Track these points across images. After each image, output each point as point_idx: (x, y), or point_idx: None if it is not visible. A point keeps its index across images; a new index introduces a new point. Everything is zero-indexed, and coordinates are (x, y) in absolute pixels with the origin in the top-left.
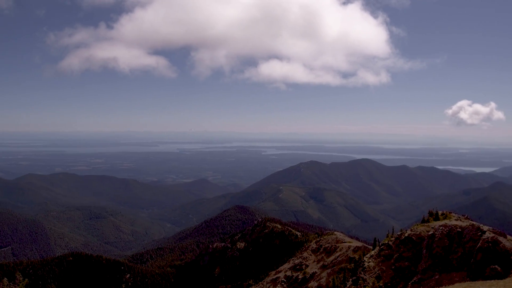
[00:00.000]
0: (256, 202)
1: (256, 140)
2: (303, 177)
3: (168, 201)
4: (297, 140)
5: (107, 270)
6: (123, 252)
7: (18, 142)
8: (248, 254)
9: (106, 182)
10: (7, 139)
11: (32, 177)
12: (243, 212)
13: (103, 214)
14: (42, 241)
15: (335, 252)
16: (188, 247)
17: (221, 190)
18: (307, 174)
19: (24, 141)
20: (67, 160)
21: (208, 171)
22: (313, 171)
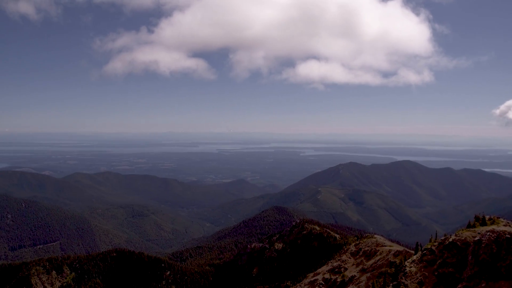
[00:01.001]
0: (294, 203)
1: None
2: (342, 179)
3: (207, 201)
4: (336, 141)
5: (148, 267)
6: (164, 250)
7: (66, 143)
8: (286, 255)
9: (148, 182)
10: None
11: (79, 175)
12: (281, 213)
13: (145, 212)
14: (88, 237)
15: (375, 256)
16: (226, 247)
17: (259, 190)
18: (346, 175)
19: (72, 142)
20: (111, 160)
21: (246, 172)
22: (352, 173)
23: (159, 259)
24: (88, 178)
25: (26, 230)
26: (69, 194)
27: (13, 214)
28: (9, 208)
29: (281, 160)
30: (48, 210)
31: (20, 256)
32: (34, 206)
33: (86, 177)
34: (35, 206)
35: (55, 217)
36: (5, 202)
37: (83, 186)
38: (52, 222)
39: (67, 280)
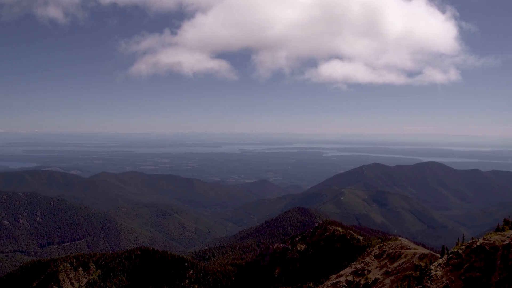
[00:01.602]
0: (317, 204)
1: (317, 142)
2: (366, 180)
3: (230, 201)
4: (360, 142)
5: (172, 265)
6: (187, 249)
7: (93, 143)
8: (308, 257)
9: (172, 181)
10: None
11: (105, 175)
12: (304, 214)
13: (169, 211)
14: (113, 235)
15: (399, 259)
16: (249, 247)
17: (281, 191)
18: (370, 176)
19: (98, 142)
20: (136, 160)
21: (269, 172)
22: (376, 174)
23: (182, 258)
24: (114, 177)
25: (54, 227)
26: (96, 193)
27: (42, 212)
28: (38, 206)
29: (303, 160)
30: (75, 208)
31: (48, 253)
32: (62, 204)
33: (112, 177)
34: (63, 205)
35: (82, 215)
36: (34, 200)
37: (109, 185)
38: (79, 220)
39: (93, 277)
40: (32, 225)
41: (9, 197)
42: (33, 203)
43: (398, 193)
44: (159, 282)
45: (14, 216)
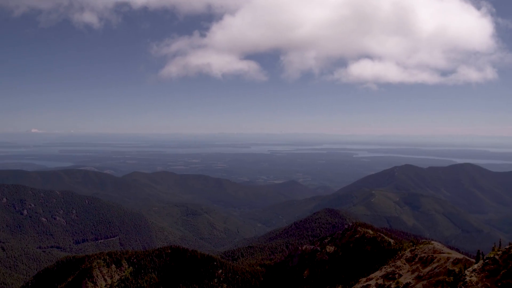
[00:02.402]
0: (347, 206)
1: (347, 143)
2: (397, 182)
3: (259, 201)
4: (391, 143)
5: (201, 264)
6: (216, 248)
7: (126, 143)
8: (337, 259)
9: (202, 181)
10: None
11: (137, 174)
12: (333, 216)
13: (199, 211)
14: (144, 233)
15: (432, 263)
16: (277, 248)
17: (311, 192)
18: (401, 178)
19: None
20: (167, 160)
21: (298, 173)
22: (408, 176)
23: (212, 257)
24: (146, 177)
25: (88, 225)
26: (128, 192)
27: (77, 209)
28: (74, 204)
29: (333, 161)
30: (108, 206)
31: (83, 249)
32: (96, 202)
33: (144, 176)
34: (97, 203)
35: (115, 214)
36: (70, 198)
37: (141, 184)
38: (112, 218)
39: (125, 273)
40: (68, 222)
41: (47, 195)
42: (69, 201)
43: (431, 196)
44: (188, 281)
45: (51, 214)
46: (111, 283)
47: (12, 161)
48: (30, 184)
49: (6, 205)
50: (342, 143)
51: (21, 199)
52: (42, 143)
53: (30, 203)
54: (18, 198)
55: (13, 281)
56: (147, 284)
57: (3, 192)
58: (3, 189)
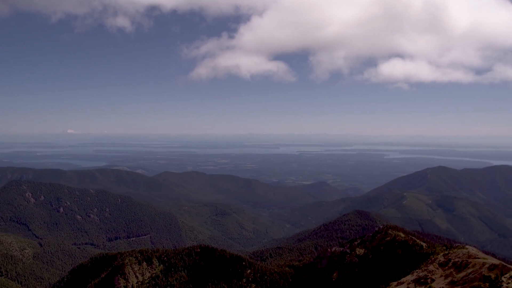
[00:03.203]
0: (377, 208)
1: (377, 143)
2: (429, 184)
3: (287, 202)
4: (423, 144)
5: (230, 264)
6: (245, 249)
7: (157, 144)
8: (367, 262)
9: (231, 181)
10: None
11: (168, 174)
12: (363, 218)
13: (228, 211)
14: (175, 232)
15: (466, 268)
16: (306, 249)
17: (340, 193)
18: (434, 180)
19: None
20: (197, 160)
21: (327, 174)
22: (441, 178)
23: (240, 257)
24: (176, 177)
25: (121, 223)
26: (159, 191)
27: (110, 208)
28: (107, 203)
29: (363, 163)
30: (140, 205)
31: (115, 247)
32: (128, 201)
33: (174, 176)
34: (129, 202)
35: (147, 212)
36: (104, 197)
37: (172, 184)
38: (143, 217)
39: (156, 271)
40: (102, 220)
41: (81, 193)
42: (102, 199)
43: (465, 198)
44: (217, 280)
45: (85, 212)
46: (142, 280)
47: (49, 160)
48: (66, 182)
49: (43, 202)
50: (373, 144)
51: (57, 197)
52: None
53: (66, 201)
54: (55, 196)
55: (49, 275)
56: (177, 282)
57: (41, 190)
58: (41, 188)
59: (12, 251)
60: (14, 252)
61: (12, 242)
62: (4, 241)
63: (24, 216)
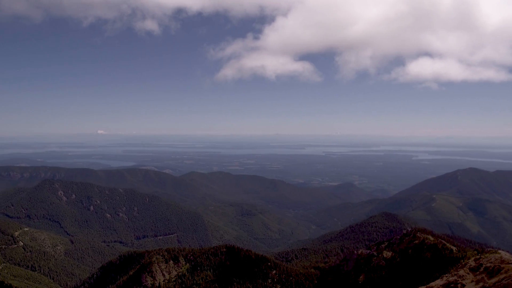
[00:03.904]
0: (405, 210)
1: (405, 144)
2: (460, 186)
3: (313, 203)
4: (453, 145)
5: (255, 264)
6: (270, 249)
7: (184, 144)
8: (395, 265)
9: (256, 182)
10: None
11: (195, 174)
12: (391, 220)
13: (253, 211)
14: (201, 232)
15: (499, 274)
16: (332, 251)
17: (367, 195)
18: (465, 182)
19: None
20: (223, 161)
21: (354, 175)
22: (472, 179)
23: (266, 257)
24: (203, 177)
25: (149, 222)
26: (186, 191)
27: (138, 207)
28: (136, 202)
29: (391, 164)
30: (167, 205)
31: (143, 245)
32: (156, 201)
33: (201, 176)
34: (156, 201)
35: (173, 212)
36: (132, 196)
37: (198, 184)
38: (170, 216)
39: (182, 270)
40: (130, 218)
41: (111, 192)
42: (131, 198)
43: (498, 201)
44: (242, 280)
45: (115, 210)
46: (168, 279)
47: (80, 160)
48: (96, 182)
49: (75, 201)
50: (401, 145)
51: (88, 196)
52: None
53: (96, 199)
54: (85, 194)
55: (80, 272)
56: (203, 281)
57: (72, 189)
58: (72, 186)
59: (45, 247)
60: (47, 249)
61: (45, 238)
62: (37, 237)
63: (56, 213)
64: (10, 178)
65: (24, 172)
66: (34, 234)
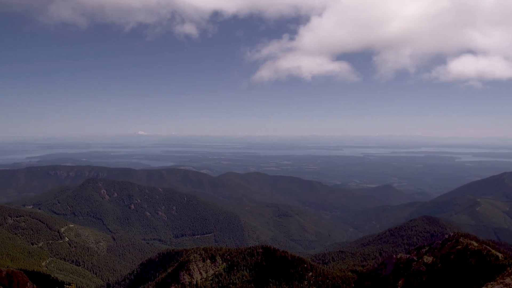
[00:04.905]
0: (447, 214)
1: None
2: (507, 189)
3: (351, 205)
4: (500, 146)
5: (291, 266)
6: (306, 251)
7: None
8: (436, 271)
9: (293, 183)
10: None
11: (232, 175)
12: (432, 224)
13: (290, 212)
14: (237, 232)
15: None
16: (370, 254)
17: (407, 198)
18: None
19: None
20: (260, 161)
21: (393, 177)
22: None
23: (302, 259)
24: (239, 177)
25: (186, 221)
26: (223, 191)
27: (177, 206)
28: (174, 201)
29: (432, 166)
30: (205, 204)
31: (181, 243)
32: (194, 200)
33: (238, 177)
34: (194, 201)
35: (211, 211)
36: (171, 195)
37: (235, 184)
38: (208, 216)
39: (219, 269)
40: (169, 217)
41: (151, 191)
42: (169, 198)
43: None
44: (278, 281)
45: (154, 209)
46: (205, 277)
47: (122, 160)
48: (137, 181)
49: (117, 199)
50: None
51: (129, 195)
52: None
53: (137, 198)
54: (127, 193)
55: (121, 268)
56: (239, 281)
57: (114, 188)
58: (114, 185)
59: (88, 243)
60: (90, 245)
61: (89, 235)
62: (82, 233)
63: (99, 211)
64: (57, 176)
65: (70, 171)
66: (79, 230)
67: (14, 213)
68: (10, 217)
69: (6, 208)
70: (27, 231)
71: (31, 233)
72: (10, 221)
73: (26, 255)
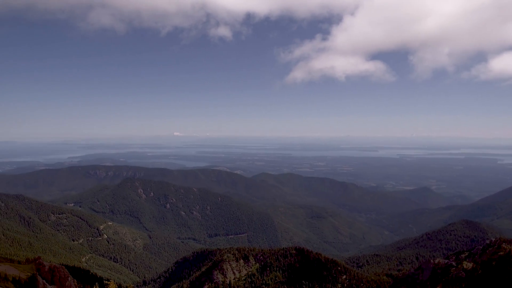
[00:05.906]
0: (489, 218)
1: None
2: None
3: (386, 208)
4: None
5: (325, 268)
6: (340, 253)
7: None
8: (476, 277)
9: (327, 184)
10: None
11: (265, 175)
12: (472, 228)
13: (323, 214)
14: (270, 232)
15: None
16: (406, 258)
17: (445, 201)
18: None
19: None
20: (293, 162)
21: (431, 180)
22: None
23: (336, 261)
24: (273, 178)
25: (220, 221)
26: (256, 192)
27: (211, 206)
28: (208, 201)
29: (473, 168)
30: (238, 205)
31: (215, 243)
32: (227, 200)
33: (271, 177)
34: (228, 201)
35: (244, 212)
36: (206, 195)
37: (268, 185)
38: (241, 216)
39: (252, 269)
40: (203, 217)
41: (186, 191)
42: (204, 197)
43: None
44: (311, 283)
45: (189, 208)
46: (239, 277)
47: (158, 160)
48: (172, 181)
49: (153, 198)
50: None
51: (165, 194)
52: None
53: (172, 198)
54: (162, 193)
55: (157, 265)
56: (272, 282)
57: (151, 187)
58: (150, 185)
59: (126, 241)
60: (127, 242)
61: (126, 233)
62: (120, 231)
63: (136, 210)
64: (97, 176)
65: (108, 171)
66: (117, 228)
67: (56, 211)
68: (53, 214)
69: (49, 205)
70: (69, 228)
71: (72, 230)
72: (53, 218)
73: (67, 250)
